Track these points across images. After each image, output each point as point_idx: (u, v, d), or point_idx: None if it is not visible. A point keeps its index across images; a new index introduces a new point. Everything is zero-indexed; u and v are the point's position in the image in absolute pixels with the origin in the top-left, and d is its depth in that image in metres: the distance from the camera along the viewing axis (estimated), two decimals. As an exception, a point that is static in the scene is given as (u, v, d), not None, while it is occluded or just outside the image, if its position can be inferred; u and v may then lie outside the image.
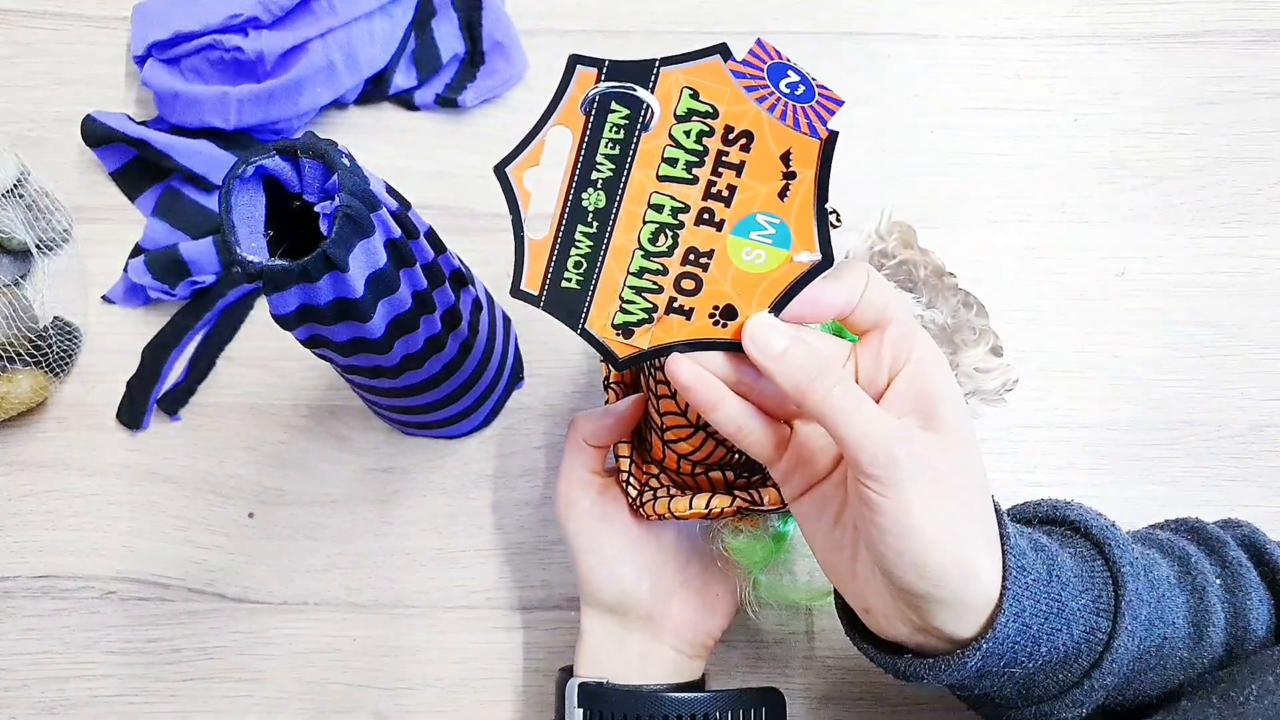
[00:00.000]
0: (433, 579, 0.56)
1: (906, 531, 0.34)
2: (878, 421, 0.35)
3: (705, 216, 0.36)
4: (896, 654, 0.40)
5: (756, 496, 0.45)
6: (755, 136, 0.35)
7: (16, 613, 0.56)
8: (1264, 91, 0.62)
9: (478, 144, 0.62)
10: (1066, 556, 0.39)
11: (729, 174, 0.36)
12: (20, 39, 0.63)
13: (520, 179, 0.36)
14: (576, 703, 0.46)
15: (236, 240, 0.35)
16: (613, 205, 0.37)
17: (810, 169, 0.35)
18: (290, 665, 0.55)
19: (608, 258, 0.37)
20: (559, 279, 0.37)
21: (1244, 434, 0.58)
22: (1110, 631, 0.38)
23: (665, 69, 0.35)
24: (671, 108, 0.35)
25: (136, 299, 0.59)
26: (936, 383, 0.36)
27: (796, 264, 0.36)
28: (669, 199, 0.36)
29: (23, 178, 0.58)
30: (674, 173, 0.36)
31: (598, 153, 0.36)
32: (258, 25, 0.58)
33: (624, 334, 0.38)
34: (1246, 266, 0.60)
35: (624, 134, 0.36)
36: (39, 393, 0.56)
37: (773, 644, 0.55)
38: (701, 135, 0.35)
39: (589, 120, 0.35)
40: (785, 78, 0.35)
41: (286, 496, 0.57)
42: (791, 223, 0.36)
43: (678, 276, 0.37)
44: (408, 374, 0.46)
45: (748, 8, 0.63)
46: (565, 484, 0.49)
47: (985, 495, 0.37)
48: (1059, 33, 0.63)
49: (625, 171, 0.36)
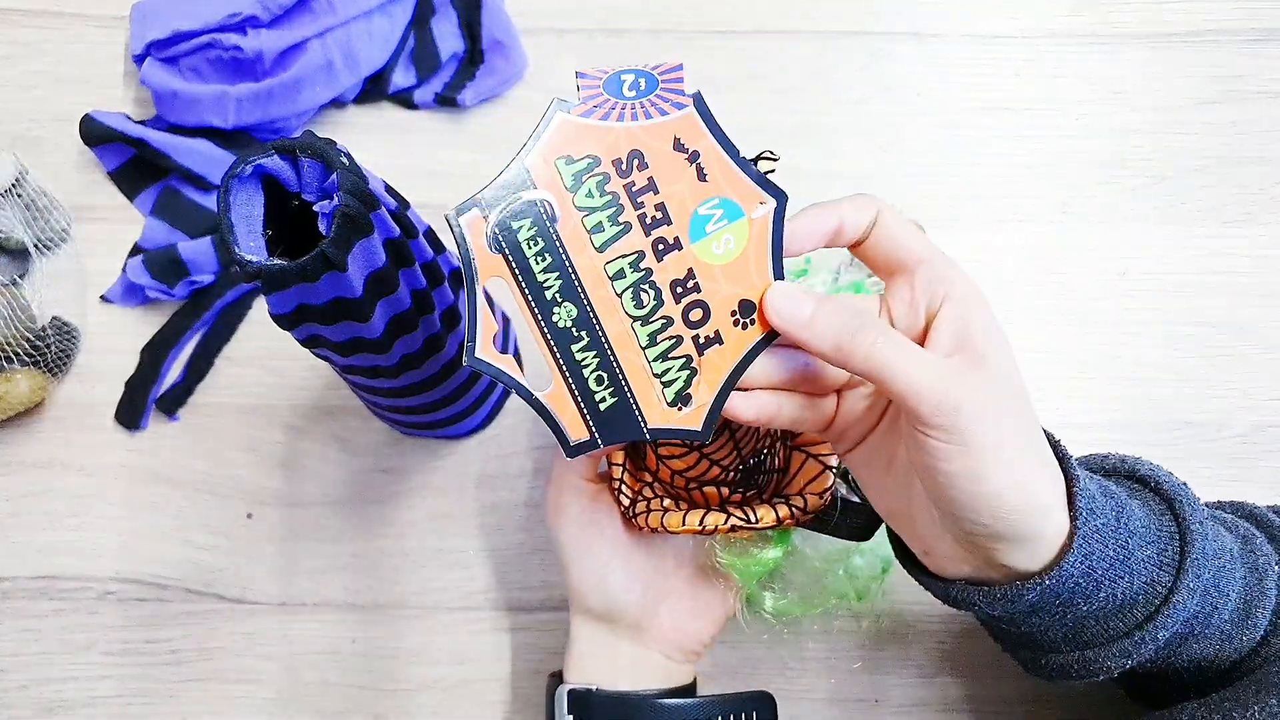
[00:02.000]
0: (432, 580, 0.56)
1: (978, 476, 0.34)
2: (931, 368, 0.34)
3: (660, 246, 0.36)
4: (950, 582, 0.39)
5: (751, 515, 0.44)
6: (643, 150, 0.35)
7: (15, 613, 0.55)
8: (1266, 91, 0.62)
9: (477, 143, 0.62)
10: (1136, 506, 0.39)
11: (648, 197, 0.35)
12: (19, 38, 0.63)
13: (493, 354, 0.35)
14: (566, 709, 0.46)
15: (235, 240, 0.35)
16: (584, 306, 0.36)
17: (703, 137, 0.35)
18: (289, 666, 0.55)
19: (616, 353, 0.36)
20: (594, 407, 0.36)
21: (1246, 434, 0.58)
22: (1171, 587, 0.37)
23: (528, 159, 0.35)
24: (560, 186, 0.35)
25: (135, 299, 0.59)
26: (978, 319, 0.35)
27: (759, 219, 0.35)
28: (622, 259, 0.36)
29: (21, 177, 0.58)
30: (607, 234, 0.35)
31: (535, 274, 0.35)
32: (256, 24, 0.58)
33: (683, 404, 0.37)
34: (1248, 266, 0.60)
35: (542, 240, 0.35)
36: (37, 393, 0.56)
37: (773, 645, 0.55)
38: (601, 186, 0.35)
39: (507, 256, 0.35)
40: (624, 84, 0.35)
41: (285, 497, 0.57)
42: (729, 192, 0.35)
43: (683, 313, 0.36)
44: (407, 374, 0.46)
45: (748, 7, 0.63)
46: (555, 490, 0.48)
47: (1039, 429, 0.36)
48: (1060, 32, 0.63)
49: (570, 269, 0.35)
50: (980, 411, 0.33)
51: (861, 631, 0.55)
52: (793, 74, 0.62)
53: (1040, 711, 0.54)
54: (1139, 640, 0.38)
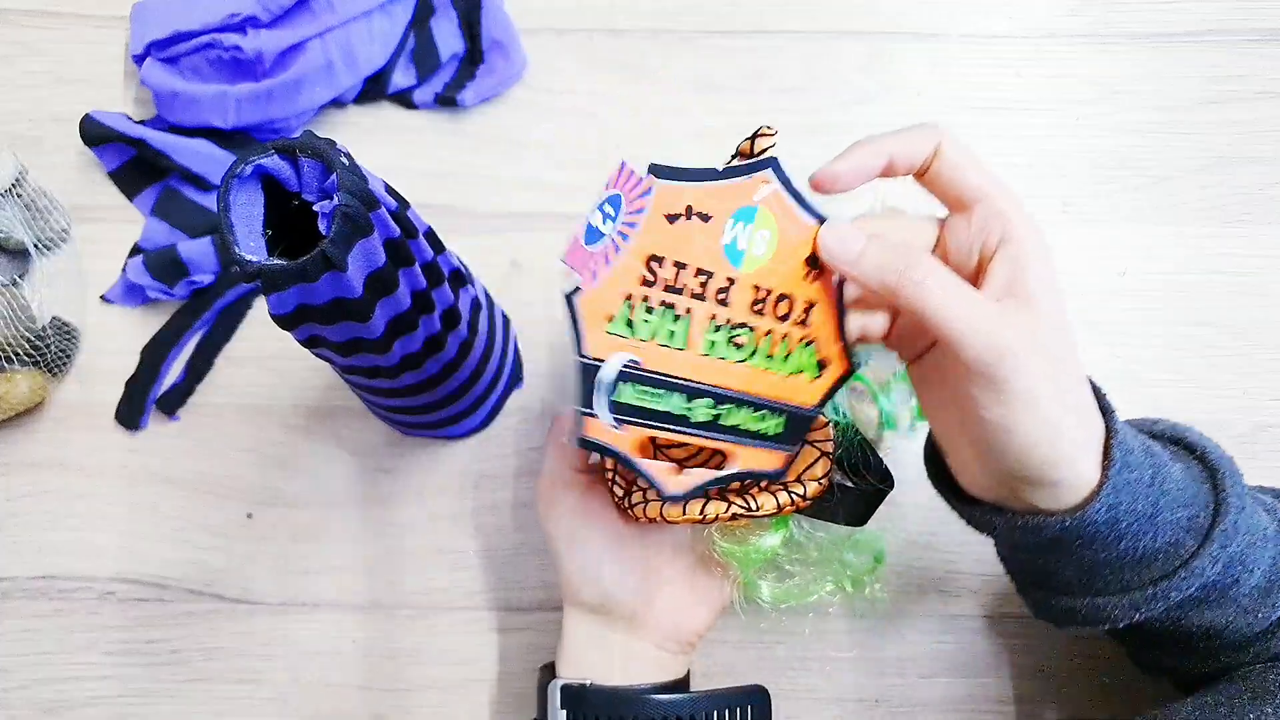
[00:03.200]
0: (432, 580, 0.56)
1: (1009, 427, 0.34)
2: (979, 311, 0.33)
3: (721, 297, 0.38)
4: (974, 504, 0.39)
5: (752, 503, 0.44)
6: (652, 250, 0.37)
7: (15, 613, 0.56)
8: (1266, 91, 0.62)
9: (477, 143, 0.62)
10: (1177, 470, 0.39)
11: (683, 275, 0.37)
12: (19, 38, 0.63)
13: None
14: (560, 704, 0.45)
15: (235, 240, 0.35)
16: (709, 390, 0.39)
17: (680, 192, 0.36)
18: (289, 666, 0.55)
19: (758, 394, 0.39)
20: (774, 438, 0.40)
21: (1247, 434, 0.57)
22: (1194, 552, 0.37)
23: (583, 351, 0.37)
24: (620, 341, 0.38)
25: (135, 299, 0.59)
26: (1033, 264, 0.35)
27: (769, 197, 0.37)
28: (704, 338, 0.38)
29: (21, 177, 0.58)
30: (679, 331, 0.38)
31: (660, 411, 0.38)
32: (256, 24, 0.58)
33: (821, 369, 0.40)
34: (1249, 266, 0.60)
35: (645, 384, 0.38)
36: (37, 393, 0.56)
37: (773, 645, 0.55)
38: (646, 308, 0.37)
39: (635, 422, 0.38)
40: (596, 225, 0.36)
41: (285, 497, 0.57)
42: (731, 207, 0.37)
43: (776, 318, 0.38)
44: (407, 374, 0.46)
45: (748, 7, 0.63)
46: (547, 482, 0.48)
47: (1082, 380, 0.36)
48: (1060, 32, 0.63)
49: (679, 383, 0.38)
50: (1022, 362, 0.33)
51: (862, 631, 0.55)
52: (793, 74, 0.62)
53: (1040, 711, 0.54)
54: (1151, 596, 0.38)
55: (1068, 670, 0.54)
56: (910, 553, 0.55)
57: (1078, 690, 0.54)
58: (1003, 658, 0.54)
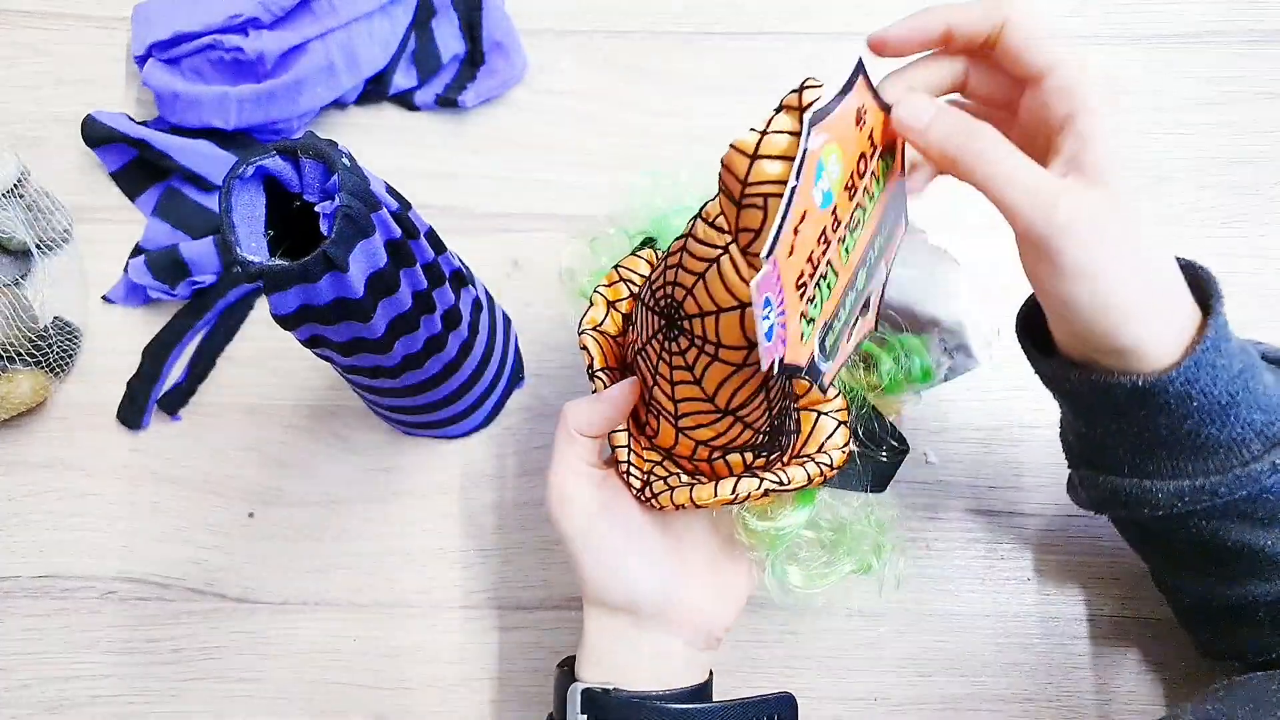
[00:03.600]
0: (433, 579, 0.56)
1: (1070, 303, 0.34)
2: (1036, 184, 0.33)
3: (840, 234, 0.36)
4: (1049, 356, 0.39)
5: (783, 476, 0.42)
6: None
7: (17, 612, 0.56)
8: (1265, 92, 0.62)
9: (478, 144, 0.62)
10: (1270, 379, 0.38)
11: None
12: (20, 39, 0.63)
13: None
14: (580, 709, 0.43)
15: (237, 240, 0.35)
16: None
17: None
18: (290, 665, 0.55)
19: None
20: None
21: (1245, 434, 0.58)
22: (1257, 455, 0.37)
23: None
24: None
25: (137, 299, 0.59)
26: (1098, 140, 0.34)
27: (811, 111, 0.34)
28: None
29: (23, 178, 0.58)
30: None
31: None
32: (258, 25, 0.58)
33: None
34: (1248, 267, 0.60)
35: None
36: (39, 393, 0.56)
37: (773, 644, 0.55)
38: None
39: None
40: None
41: (287, 496, 0.57)
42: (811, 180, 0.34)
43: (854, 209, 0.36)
44: (408, 374, 0.46)
45: (749, 8, 0.63)
46: (559, 479, 0.44)
47: (1161, 253, 0.36)
48: (1060, 32, 0.63)
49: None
50: (1075, 238, 0.33)
51: (862, 630, 0.55)
52: (793, 75, 0.62)
53: (1040, 711, 0.54)
54: (1199, 488, 0.37)
55: (1068, 670, 0.54)
56: (910, 552, 0.55)
57: (1078, 689, 0.54)
58: (1003, 657, 0.54)
